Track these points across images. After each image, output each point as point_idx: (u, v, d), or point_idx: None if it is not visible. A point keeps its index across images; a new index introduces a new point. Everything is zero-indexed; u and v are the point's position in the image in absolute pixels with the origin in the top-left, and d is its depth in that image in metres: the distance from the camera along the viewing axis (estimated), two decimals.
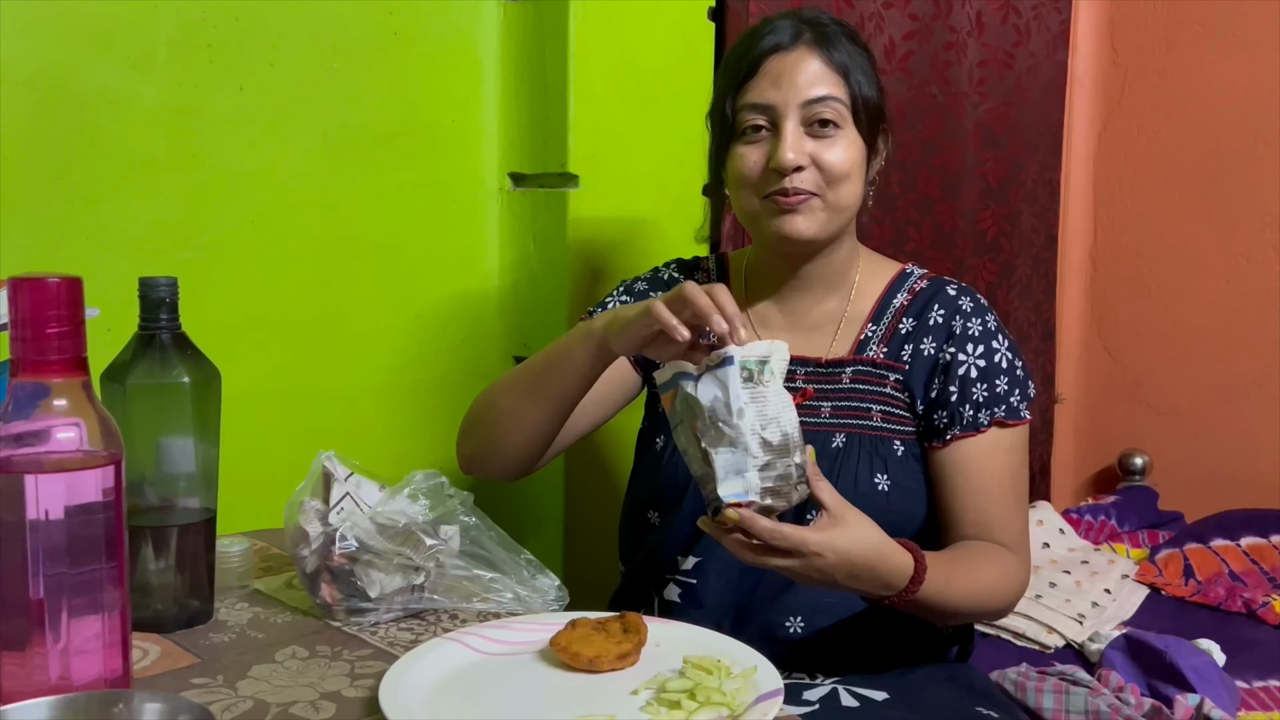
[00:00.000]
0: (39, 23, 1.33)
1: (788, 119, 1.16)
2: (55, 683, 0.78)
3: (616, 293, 1.33)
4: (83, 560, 0.79)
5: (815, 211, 1.18)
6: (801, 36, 1.18)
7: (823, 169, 1.16)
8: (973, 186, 2.26)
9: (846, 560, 1.00)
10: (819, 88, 1.16)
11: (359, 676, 0.93)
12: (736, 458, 0.95)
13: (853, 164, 1.18)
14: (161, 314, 1.01)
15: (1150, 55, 2.52)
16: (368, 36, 1.60)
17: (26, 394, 0.78)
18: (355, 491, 1.07)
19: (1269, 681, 1.67)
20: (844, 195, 1.18)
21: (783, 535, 0.97)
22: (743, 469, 0.95)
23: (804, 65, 1.17)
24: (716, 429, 0.95)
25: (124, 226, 1.41)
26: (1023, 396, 1.22)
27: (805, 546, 0.98)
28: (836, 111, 1.16)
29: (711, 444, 0.95)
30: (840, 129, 1.17)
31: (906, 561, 1.05)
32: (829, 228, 1.19)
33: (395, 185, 1.65)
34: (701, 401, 0.96)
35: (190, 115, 1.45)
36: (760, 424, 0.95)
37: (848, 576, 1.01)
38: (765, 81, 1.17)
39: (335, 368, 1.62)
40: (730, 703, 0.85)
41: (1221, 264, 2.44)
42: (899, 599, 1.06)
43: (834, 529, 1.00)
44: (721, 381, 0.95)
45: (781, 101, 1.16)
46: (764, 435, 0.95)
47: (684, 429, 0.99)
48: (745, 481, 0.95)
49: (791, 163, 1.15)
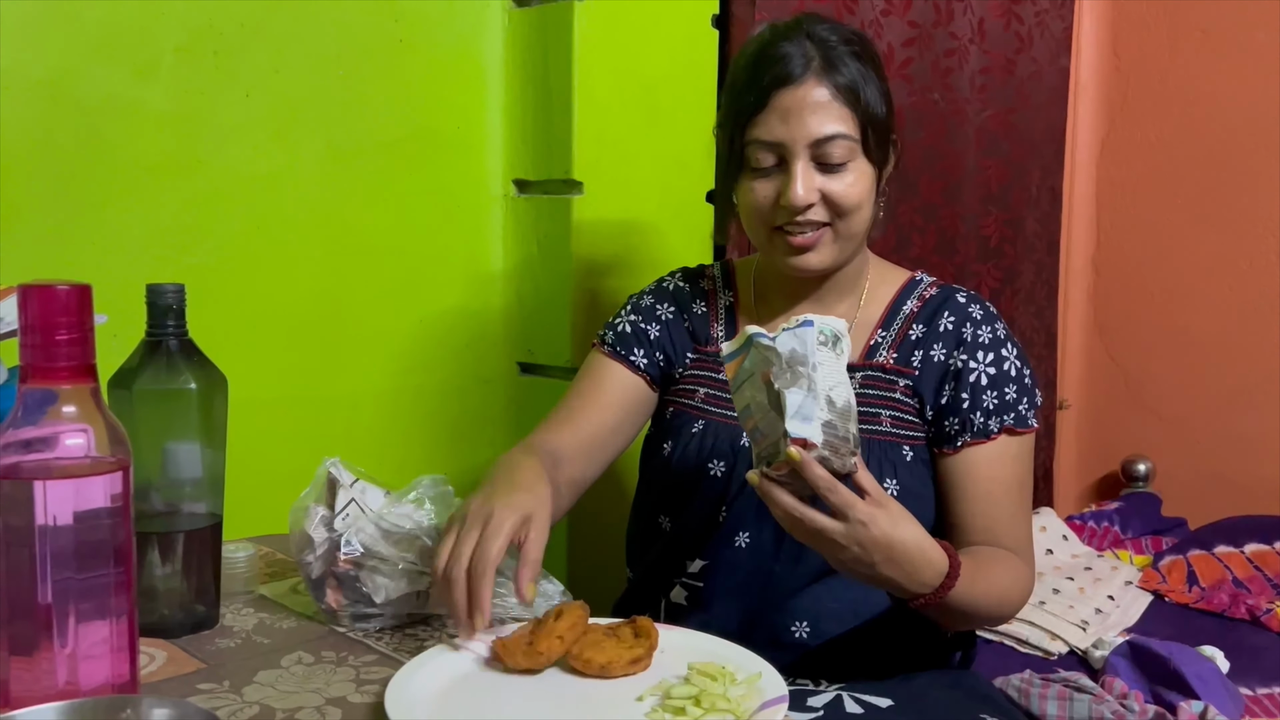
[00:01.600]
0: (44, 29, 1.34)
1: (798, 158, 1.15)
2: (63, 688, 0.78)
3: (625, 311, 1.34)
4: (90, 565, 0.79)
5: (827, 244, 1.18)
6: (810, 66, 1.15)
7: (832, 204, 1.16)
8: (975, 192, 2.26)
9: (887, 542, 0.98)
10: (829, 125, 1.14)
11: (364, 682, 0.94)
12: (807, 402, 0.96)
13: (863, 194, 1.17)
14: (168, 320, 1.01)
15: (1153, 61, 2.53)
16: (373, 43, 1.60)
17: (35, 400, 0.78)
18: (360, 497, 1.07)
19: (1273, 688, 1.67)
20: (855, 224, 1.18)
21: (836, 489, 0.96)
22: (810, 416, 0.96)
23: (812, 100, 1.14)
24: (793, 372, 0.96)
25: (130, 233, 1.41)
26: (1030, 404, 1.22)
27: (854, 510, 0.96)
28: (846, 149, 1.15)
29: (785, 385, 0.96)
30: (850, 163, 1.16)
31: (942, 560, 1.04)
32: (840, 256, 1.20)
33: (400, 191, 1.66)
34: (779, 350, 0.97)
35: (196, 121, 1.46)
36: (830, 383, 0.97)
37: (885, 560, 0.99)
38: (774, 118, 1.15)
39: (340, 373, 1.62)
40: (735, 709, 0.85)
41: (1224, 269, 2.44)
42: (931, 598, 1.04)
43: (879, 510, 0.98)
44: (800, 338, 0.97)
45: (790, 139, 1.15)
46: (831, 394, 0.97)
47: (751, 383, 1.00)
48: (811, 426, 0.96)
49: (802, 201, 1.15)
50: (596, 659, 0.93)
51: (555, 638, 0.93)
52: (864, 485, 0.99)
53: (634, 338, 1.30)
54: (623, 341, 1.30)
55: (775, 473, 0.97)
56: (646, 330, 1.31)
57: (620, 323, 1.32)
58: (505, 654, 0.93)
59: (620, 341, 1.31)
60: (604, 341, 1.32)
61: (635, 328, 1.31)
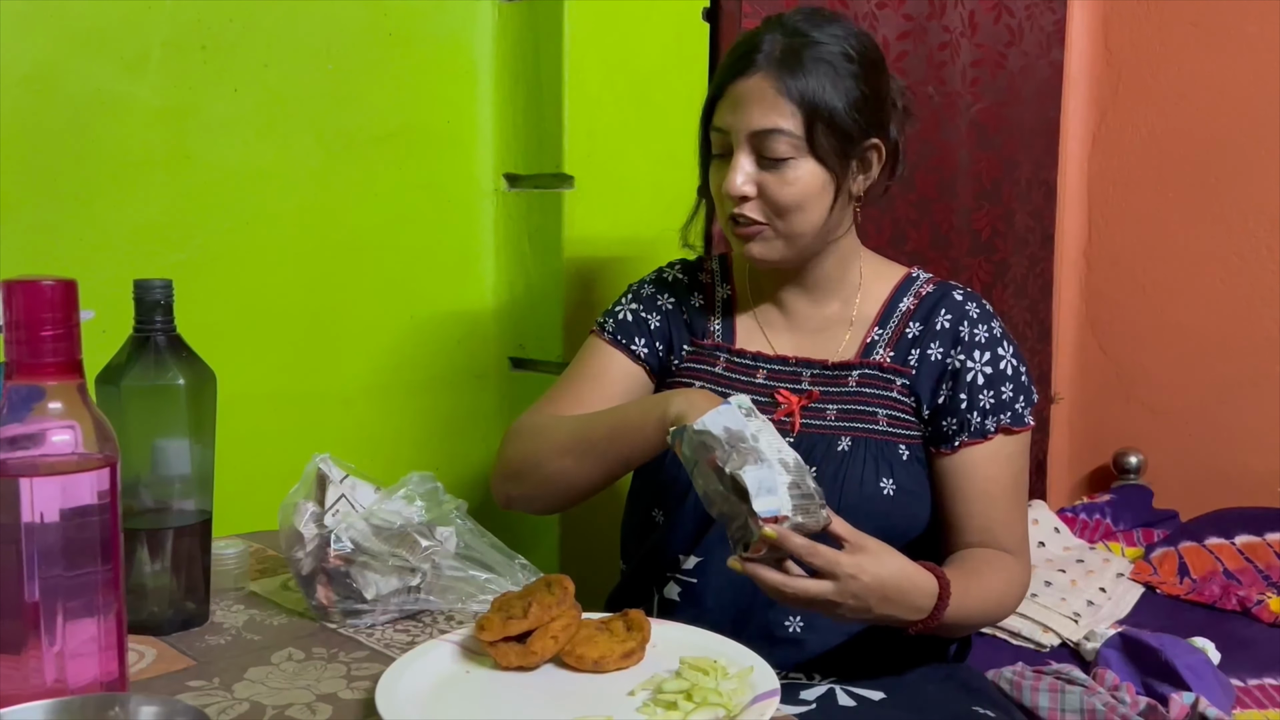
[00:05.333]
0: (32, 24, 1.33)
1: (738, 147, 1.15)
2: (51, 686, 0.78)
3: (626, 299, 1.33)
4: (78, 563, 0.78)
5: (770, 240, 1.18)
6: (769, 59, 1.14)
7: (769, 200, 1.16)
8: (967, 186, 2.26)
9: (879, 583, 1.00)
10: (768, 119, 1.13)
11: (355, 678, 0.93)
12: (765, 474, 0.94)
13: (805, 195, 1.15)
14: (156, 316, 1.01)
15: (1144, 54, 2.53)
16: (362, 38, 1.59)
17: (21, 397, 0.78)
18: (350, 494, 1.07)
19: (1264, 679, 1.67)
20: (796, 224, 1.17)
21: (818, 552, 0.96)
22: (773, 487, 0.94)
23: (758, 94, 1.14)
24: (739, 451, 0.96)
25: (118, 228, 1.41)
26: (1027, 403, 1.22)
27: (840, 567, 0.97)
28: (787, 144, 1.13)
29: (737, 465, 0.95)
30: (792, 160, 1.14)
31: (931, 583, 1.05)
32: (787, 252, 1.19)
33: (390, 186, 1.65)
34: (713, 431, 0.97)
35: (184, 116, 1.45)
36: (776, 446, 0.97)
37: (881, 600, 1.01)
38: (725, 106, 1.17)
39: (330, 369, 1.62)
40: (727, 703, 0.85)
41: (1216, 262, 2.44)
42: (928, 622, 1.05)
43: (861, 554, 0.99)
44: (726, 415, 0.98)
45: (734, 128, 1.15)
46: (781, 457, 0.96)
47: (700, 469, 0.99)
48: (779, 498, 0.94)
49: (736, 191, 1.15)
50: (589, 654, 0.93)
51: (550, 638, 0.93)
52: (840, 534, 1.00)
53: (635, 326, 1.30)
54: (624, 330, 1.30)
55: (754, 554, 0.97)
56: (647, 320, 1.31)
57: (621, 310, 1.32)
58: (499, 654, 0.93)
59: (621, 329, 1.30)
60: (604, 329, 1.31)
61: (636, 316, 1.31)
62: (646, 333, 1.30)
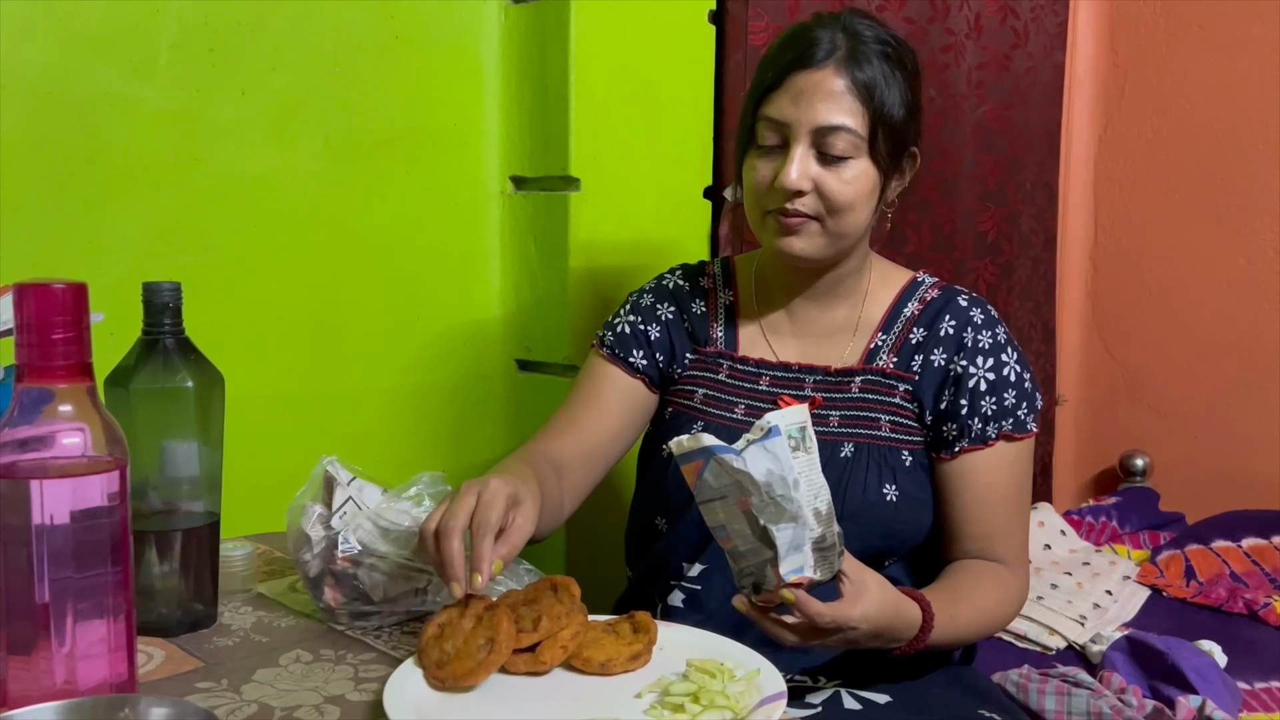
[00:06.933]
0: (40, 28, 1.33)
1: (798, 141, 1.14)
2: (61, 687, 0.78)
3: (625, 311, 1.33)
4: (88, 565, 0.79)
5: (814, 235, 1.17)
6: (834, 54, 1.14)
7: (825, 196, 1.15)
8: (971, 188, 2.26)
9: (873, 626, 1.00)
10: (835, 116, 1.13)
11: (363, 680, 0.94)
12: (797, 532, 0.91)
13: (859, 195, 1.15)
14: (165, 319, 1.01)
15: (1149, 56, 2.53)
16: (369, 40, 1.60)
17: (31, 399, 0.78)
18: (358, 496, 1.07)
19: (1270, 682, 1.67)
20: (845, 224, 1.17)
21: (832, 618, 0.96)
22: (800, 544, 0.91)
23: (826, 87, 1.13)
24: (776, 505, 0.90)
25: (126, 231, 1.41)
26: (1030, 409, 1.22)
27: (848, 622, 0.97)
28: (849, 143, 1.13)
29: (772, 520, 0.90)
30: (851, 159, 1.14)
31: (916, 612, 1.05)
32: (827, 251, 1.19)
33: (397, 188, 1.65)
34: (755, 476, 0.89)
35: (192, 119, 1.45)
36: (812, 494, 0.92)
37: (870, 637, 1.01)
38: (786, 98, 1.15)
39: (337, 371, 1.62)
40: (733, 705, 0.85)
41: (1222, 264, 2.44)
42: (908, 649, 1.06)
43: (863, 597, 0.99)
44: (772, 453, 0.89)
45: (796, 121, 1.14)
46: (816, 505, 0.92)
47: (724, 507, 0.92)
48: (803, 556, 0.92)
49: (794, 185, 1.14)
50: (596, 657, 0.93)
51: (559, 647, 0.93)
52: (843, 569, 0.99)
53: (633, 339, 1.30)
54: (621, 343, 1.30)
55: (763, 602, 0.95)
56: (646, 331, 1.30)
57: (619, 323, 1.32)
58: (509, 663, 0.92)
59: (619, 343, 1.30)
60: (603, 343, 1.31)
61: (634, 328, 1.31)
62: (645, 344, 1.30)
